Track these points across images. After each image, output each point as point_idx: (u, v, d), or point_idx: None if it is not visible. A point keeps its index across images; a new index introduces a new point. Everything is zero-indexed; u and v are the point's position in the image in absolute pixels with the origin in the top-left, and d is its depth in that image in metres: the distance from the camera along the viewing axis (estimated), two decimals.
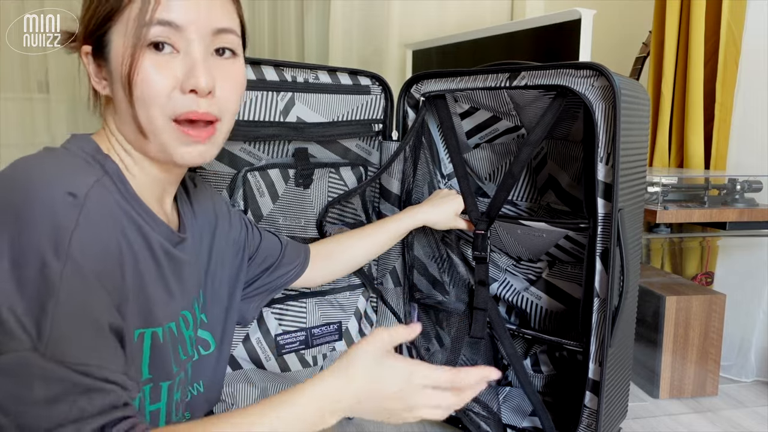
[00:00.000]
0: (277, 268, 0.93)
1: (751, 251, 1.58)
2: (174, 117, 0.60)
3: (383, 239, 1.06)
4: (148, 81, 0.58)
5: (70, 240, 0.50)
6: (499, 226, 1.12)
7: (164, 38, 0.58)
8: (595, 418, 0.95)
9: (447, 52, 1.86)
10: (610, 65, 0.88)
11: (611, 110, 0.87)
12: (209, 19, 0.61)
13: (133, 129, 0.61)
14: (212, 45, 0.62)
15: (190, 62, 0.59)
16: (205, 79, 0.59)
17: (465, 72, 1.06)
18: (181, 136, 0.61)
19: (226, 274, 0.82)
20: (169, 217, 0.70)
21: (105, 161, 0.60)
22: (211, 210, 0.81)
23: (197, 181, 0.82)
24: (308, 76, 1.06)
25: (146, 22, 0.57)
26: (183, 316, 0.71)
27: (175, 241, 0.67)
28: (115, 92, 0.61)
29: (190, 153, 0.62)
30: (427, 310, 1.26)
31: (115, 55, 0.59)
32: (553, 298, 1.18)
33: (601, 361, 0.93)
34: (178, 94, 0.59)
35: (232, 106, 0.65)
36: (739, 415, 1.32)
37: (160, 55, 0.58)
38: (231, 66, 0.64)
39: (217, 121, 0.63)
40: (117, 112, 0.62)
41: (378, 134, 1.20)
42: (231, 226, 0.85)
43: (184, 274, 0.70)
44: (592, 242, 0.93)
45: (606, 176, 0.90)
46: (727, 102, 1.60)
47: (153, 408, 0.63)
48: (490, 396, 1.17)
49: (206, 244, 0.79)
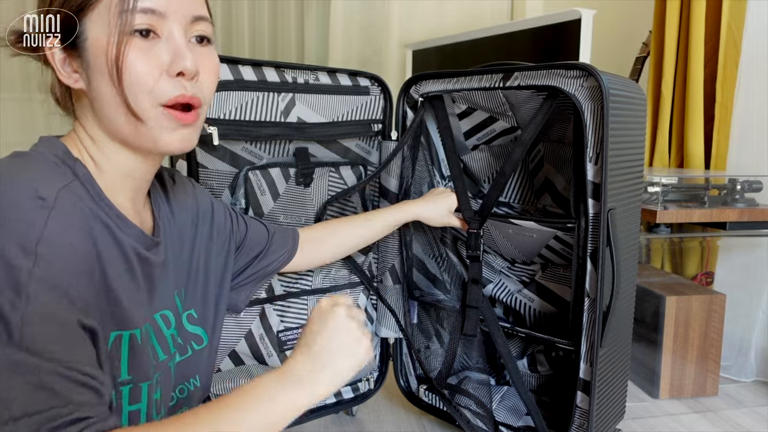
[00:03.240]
0: (265, 256, 0.93)
1: (751, 251, 1.58)
2: (163, 102, 0.60)
3: (375, 228, 1.07)
4: (134, 67, 0.58)
5: (39, 241, 0.50)
6: (492, 226, 1.12)
7: (147, 25, 0.59)
8: (587, 418, 0.95)
9: (447, 52, 1.86)
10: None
11: (600, 110, 0.88)
12: (188, 7, 0.62)
13: (123, 116, 0.60)
14: (190, 32, 0.63)
15: (174, 47, 0.60)
16: (191, 62, 0.60)
17: (461, 73, 1.07)
18: (171, 120, 0.61)
19: (212, 266, 0.82)
20: (143, 218, 0.70)
21: (75, 165, 0.60)
22: (191, 205, 0.81)
23: (176, 177, 0.81)
24: (308, 77, 1.07)
25: (129, 9, 0.58)
26: (163, 316, 0.71)
27: (148, 245, 0.67)
28: (95, 83, 0.60)
29: (175, 138, 0.63)
30: (427, 308, 1.26)
31: (95, 43, 0.59)
32: (545, 300, 1.18)
33: (591, 361, 0.93)
34: (165, 78, 0.60)
35: (211, 91, 0.66)
36: (738, 415, 1.32)
37: (144, 41, 0.59)
38: (208, 52, 0.66)
39: (199, 107, 0.65)
40: (96, 105, 0.62)
41: (377, 134, 1.20)
42: (215, 218, 0.84)
43: (159, 276, 0.70)
44: (582, 242, 0.93)
45: (595, 176, 0.90)
46: (727, 102, 1.60)
47: (133, 408, 0.63)
48: (484, 393, 1.18)
49: (188, 240, 0.79)
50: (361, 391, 1.28)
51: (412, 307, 1.26)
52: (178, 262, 0.76)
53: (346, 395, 1.25)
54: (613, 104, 0.87)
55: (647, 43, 1.79)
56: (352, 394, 1.26)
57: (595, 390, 0.93)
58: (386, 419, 1.29)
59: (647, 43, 1.79)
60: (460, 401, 1.19)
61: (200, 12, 0.64)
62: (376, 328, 1.28)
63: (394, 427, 1.26)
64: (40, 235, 0.50)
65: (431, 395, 1.24)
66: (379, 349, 1.31)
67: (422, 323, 1.27)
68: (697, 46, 1.59)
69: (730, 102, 1.59)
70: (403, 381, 1.29)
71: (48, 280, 0.50)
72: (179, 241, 0.77)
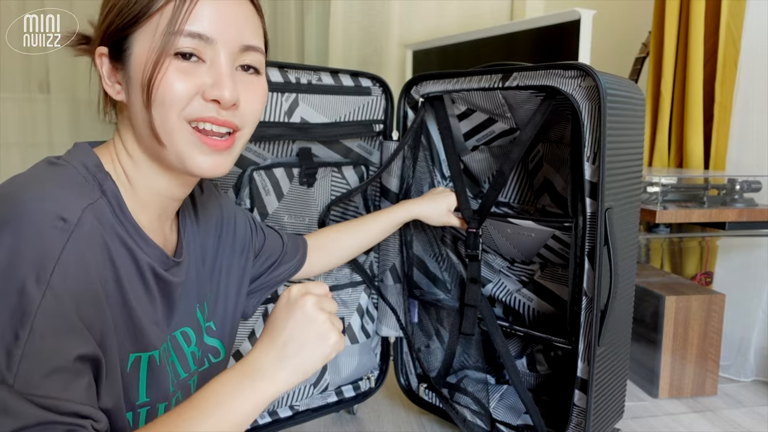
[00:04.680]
0: (279, 266, 0.94)
1: (750, 251, 1.58)
2: (190, 119, 0.59)
3: (377, 230, 1.08)
4: (170, 85, 0.57)
5: (54, 268, 0.49)
6: (491, 225, 1.13)
7: (191, 49, 0.58)
8: (585, 416, 0.96)
9: (447, 52, 1.87)
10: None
11: (597, 110, 0.88)
12: (239, 36, 0.60)
13: (148, 134, 0.59)
14: (238, 60, 0.62)
15: (217, 73, 0.59)
16: (230, 92, 0.59)
17: (461, 73, 1.08)
18: (198, 143, 0.60)
19: (232, 277, 0.82)
20: (167, 236, 0.69)
21: (104, 180, 0.59)
22: (217, 214, 0.81)
23: (204, 185, 0.81)
24: (312, 77, 1.08)
25: (175, 31, 0.56)
26: (184, 333, 0.71)
27: (168, 266, 0.66)
28: (133, 97, 0.60)
29: (206, 162, 0.61)
30: (427, 307, 1.27)
31: (137, 59, 0.58)
32: (544, 299, 1.19)
33: (589, 360, 0.94)
34: (199, 100, 0.59)
35: (254, 118, 0.64)
36: (738, 415, 1.32)
37: (185, 63, 0.58)
38: (255, 81, 0.64)
39: (237, 131, 0.62)
40: (132, 119, 0.61)
41: (379, 134, 1.21)
42: (237, 228, 0.85)
43: (179, 295, 0.69)
44: (580, 241, 0.94)
45: (592, 175, 0.90)
46: (727, 102, 1.60)
47: None
48: (481, 390, 1.18)
49: (210, 252, 0.79)
50: (362, 389, 1.28)
51: (413, 306, 1.26)
52: (201, 276, 0.76)
53: (347, 394, 1.26)
54: (610, 104, 0.88)
55: (646, 43, 1.79)
56: (353, 393, 1.27)
57: (592, 388, 0.94)
58: (386, 418, 1.30)
59: (646, 43, 1.79)
60: (460, 400, 1.19)
61: (252, 42, 0.62)
62: (377, 327, 1.29)
63: (394, 426, 1.26)
64: (56, 262, 0.49)
65: (431, 394, 1.25)
66: (380, 347, 1.31)
67: (422, 322, 1.28)
68: (696, 46, 1.60)
69: (729, 102, 1.60)
70: (404, 379, 1.30)
71: (56, 312, 0.49)
72: (202, 254, 0.76)
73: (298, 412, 1.18)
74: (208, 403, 0.56)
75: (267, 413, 1.14)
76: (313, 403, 1.21)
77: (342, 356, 1.21)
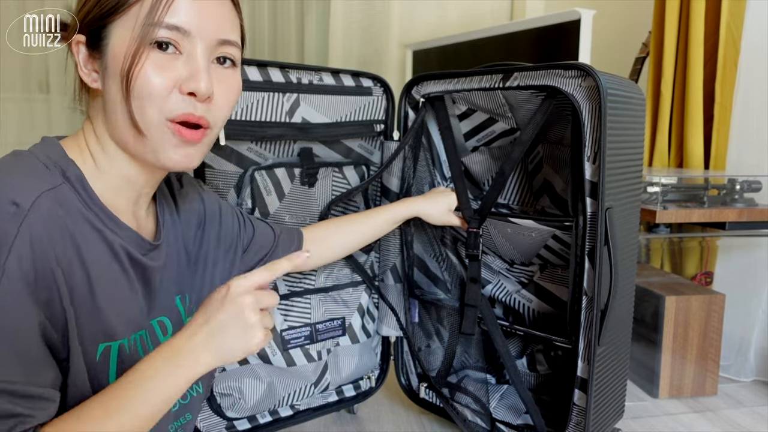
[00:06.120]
0: (271, 258, 0.94)
1: (750, 251, 1.58)
2: (170, 117, 0.60)
3: (377, 225, 1.08)
4: (148, 79, 0.58)
5: (9, 253, 0.50)
6: (491, 226, 1.13)
7: (168, 39, 0.58)
8: (584, 416, 0.96)
9: (447, 52, 1.87)
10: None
11: (597, 110, 0.88)
12: (216, 29, 0.61)
13: (127, 126, 0.60)
14: (215, 53, 0.62)
15: (193, 66, 0.60)
16: (206, 84, 0.60)
17: (462, 73, 1.08)
18: (175, 137, 0.60)
19: (218, 270, 0.82)
20: (142, 222, 0.69)
21: (67, 167, 0.59)
22: (199, 207, 0.81)
23: (184, 179, 0.81)
24: (313, 77, 1.08)
25: (154, 23, 0.57)
26: (160, 323, 0.71)
27: (144, 249, 0.66)
28: (109, 87, 0.60)
29: (178, 155, 0.62)
30: (428, 307, 1.27)
31: (114, 49, 0.59)
32: (543, 300, 1.19)
33: (589, 359, 0.94)
34: (176, 94, 0.59)
35: (225, 114, 0.65)
36: (738, 415, 1.33)
37: (162, 54, 0.59)
38: (230, 75, 0.64)
39: (208, 128, 0.63)
40: (107, 108, 0.61)
41: (380, 134, 1.21)
42: (222, 221, 0.84)
43: (155, 281, 0.69)
44: (580, 240, 0.94)
45: (593, 175, 0.91)
46: (727, 102, 1.60)
47: None
48: (481, 390, 1.18)
49: (193, 244, 0.79)
50: (363, 389, 1.28)
51: (413, 305, 1.26)
52: (181, 266, 0.76)
53: (348, 393, 1.26)
54: (611, 104, 0.88)
55: (647, 43, 1.79)
56: (353, 392, 1.27)
57: (592, 388, 0.94)
58: (387, 418, 1.30)
59: (647, 43, 1.79)
60: (460, 399, 1.20)
61: (228, 37, 0.63)
62: (378, 327, 1.29)
63: (394, 425, 1.27)
64: (11, 246, 0.50)
65: (432, 393, 1.25)
66: (381, 347, 1.31)
67: (423, 322, 1.28)
68: (696, 46, 1.60)
69: (729, 102, 1.60)
70: (404, 379, 1.30)
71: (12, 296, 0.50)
72: (183, 245, 0.76)
73: (299, 411, 1.18)
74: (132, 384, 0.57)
75: (268, 413, 1.14)
76: (314, 403, 1.21)
77: (343, 356, 1.21)
